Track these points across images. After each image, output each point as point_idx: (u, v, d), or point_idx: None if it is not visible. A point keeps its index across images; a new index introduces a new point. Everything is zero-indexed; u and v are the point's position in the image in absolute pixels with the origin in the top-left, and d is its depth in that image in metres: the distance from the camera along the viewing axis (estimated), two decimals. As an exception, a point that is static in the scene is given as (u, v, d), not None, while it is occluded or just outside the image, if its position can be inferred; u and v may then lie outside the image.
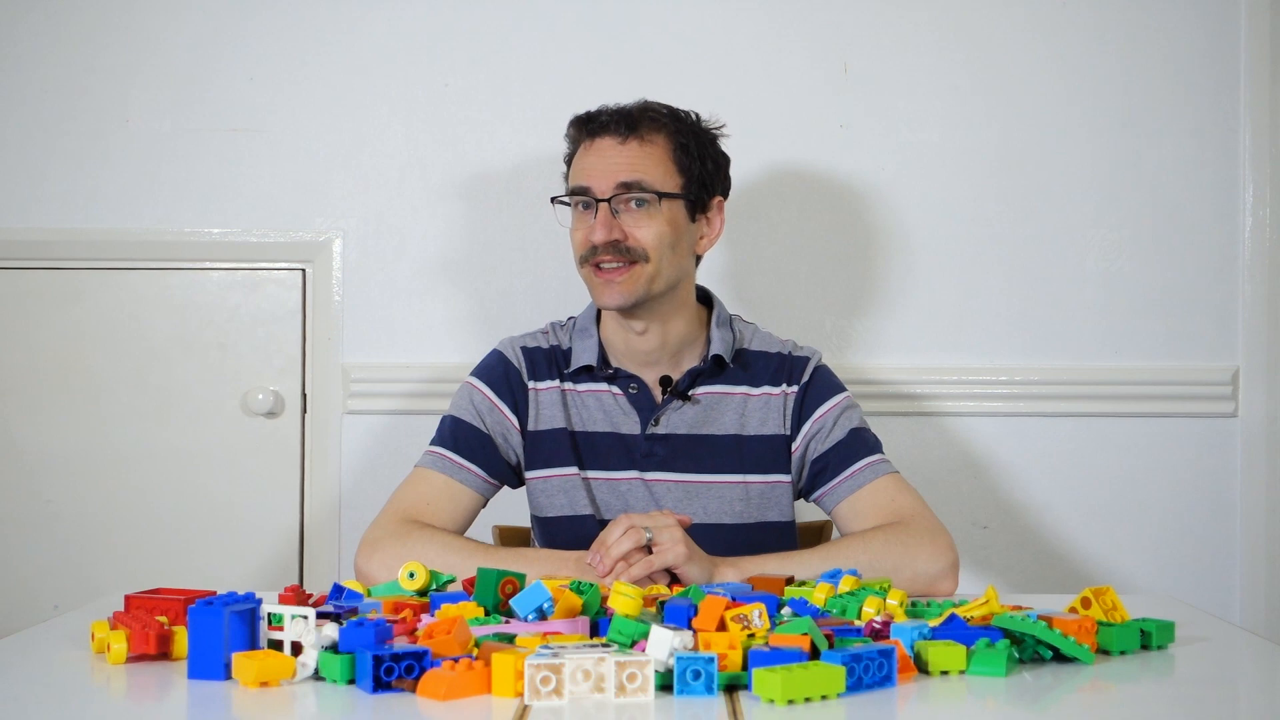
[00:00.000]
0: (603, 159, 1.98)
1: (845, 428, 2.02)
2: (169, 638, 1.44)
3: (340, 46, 2.61)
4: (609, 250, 1.95)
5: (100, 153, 2.60)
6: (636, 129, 1.99)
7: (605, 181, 1.97)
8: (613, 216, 1.96)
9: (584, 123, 2.03)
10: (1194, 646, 1.55)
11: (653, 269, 1.97)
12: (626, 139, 1.98)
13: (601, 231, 1.95)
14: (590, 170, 1.98)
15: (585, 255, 1.98)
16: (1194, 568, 2.62)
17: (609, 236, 1.95)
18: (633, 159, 1.98)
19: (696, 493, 2.02)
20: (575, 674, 1.26)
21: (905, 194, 2.61)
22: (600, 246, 1.95)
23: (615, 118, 2.00)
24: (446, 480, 1.99)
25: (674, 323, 2.03)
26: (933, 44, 2.61)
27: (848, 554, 1.84)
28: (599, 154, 1.99)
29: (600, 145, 1.99)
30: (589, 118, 2.02)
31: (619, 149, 1.98)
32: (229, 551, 2.60)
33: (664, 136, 2.00)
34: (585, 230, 1.98)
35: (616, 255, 1.95)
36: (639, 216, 1.97)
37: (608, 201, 1.96)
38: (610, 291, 1.96)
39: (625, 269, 1.96)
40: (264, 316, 2.61)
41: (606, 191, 1.96)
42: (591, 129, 2.01)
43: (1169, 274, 2.62)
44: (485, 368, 2.09)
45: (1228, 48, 2.60)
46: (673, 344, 2.04)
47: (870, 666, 1.32)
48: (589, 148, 2.00)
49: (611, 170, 1.97)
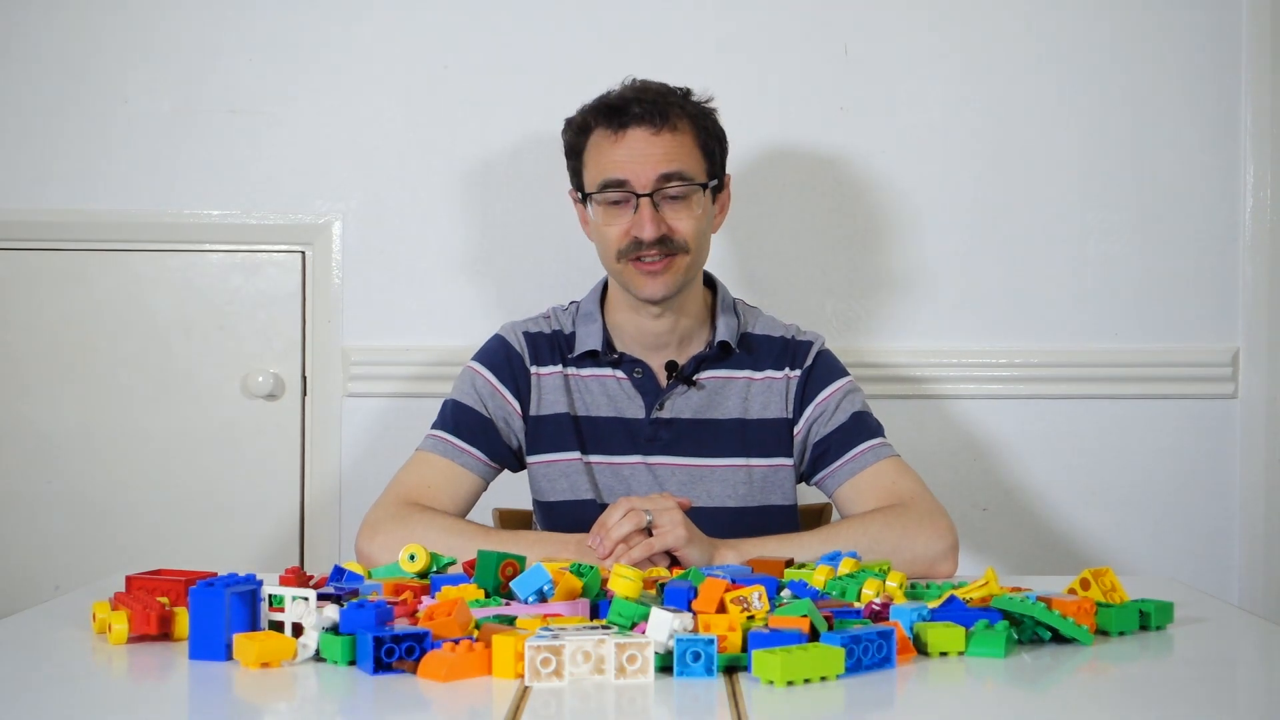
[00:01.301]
0: (637, 151, 1.94)
1: (847, 411, 2.03)
2: (170, 618, 1.44)
3: (340, 28, 2.60)
4: (654, 245, 1.94)
5: (99, 134, 2.60)
6: (668, 118, 1.95)
7: (645, 175, 1.93)
8: (654, 211, 1.94)
9: (610, 113, 1.96)
10: (1193, 627, 1.55)
11: (691, 259, 1.97)
12: (660, 129, 1.95)
13: (651, 228, 1.92)
14: (624, 164, 1.94)
15: (625, 250, 1.95)
16: (1193, 549, 2.62)
17: (658, 233, 1.93)
18: (668, 150, 1.95)
19: (700, 476, 2.02)
20: (575, 656, 1.27)
21: (905, 176, 2.61)
22: (648, 242, 1.93)
23: (647, 108, 1.94)
24: (448, 464, 2.00)
25: (688, 306, 2.03)
26: (932, 26, 2.61)
27: (847, 536, 1.85)
28: (631, 146, 1.94)
29: (633, 137, 1.95)
30: (616, 108, 1.96)
31: (653, 140, 1.95)
32: (230, 533, 2.60)
33: (688, 122, 1.98)
34: (624, 225, 1.95)
35: (660, 249, 1.94)
36: (679, 208, 1.96)
37: (648, 196, 1.94)
38: (654, 284, 1.95)
39: (668, 260, 1.95)
40: (264, 299, 2.61)
41: (648, 185, 1.94)
42: (622, 120, 1.95)
43: (1169, 256, 2.61)
44: (487, 352, 2.08)
45: (1229, 28, 2.59)
46: (683, 328, 2.04)
47: (869, 648, 1.32)
48: (619, 139, 1.95)
49: (650, 163, 1.94)
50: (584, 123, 2.01)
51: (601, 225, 1.98)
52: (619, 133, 1.96)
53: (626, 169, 1.94)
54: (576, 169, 2.03)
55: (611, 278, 2.04)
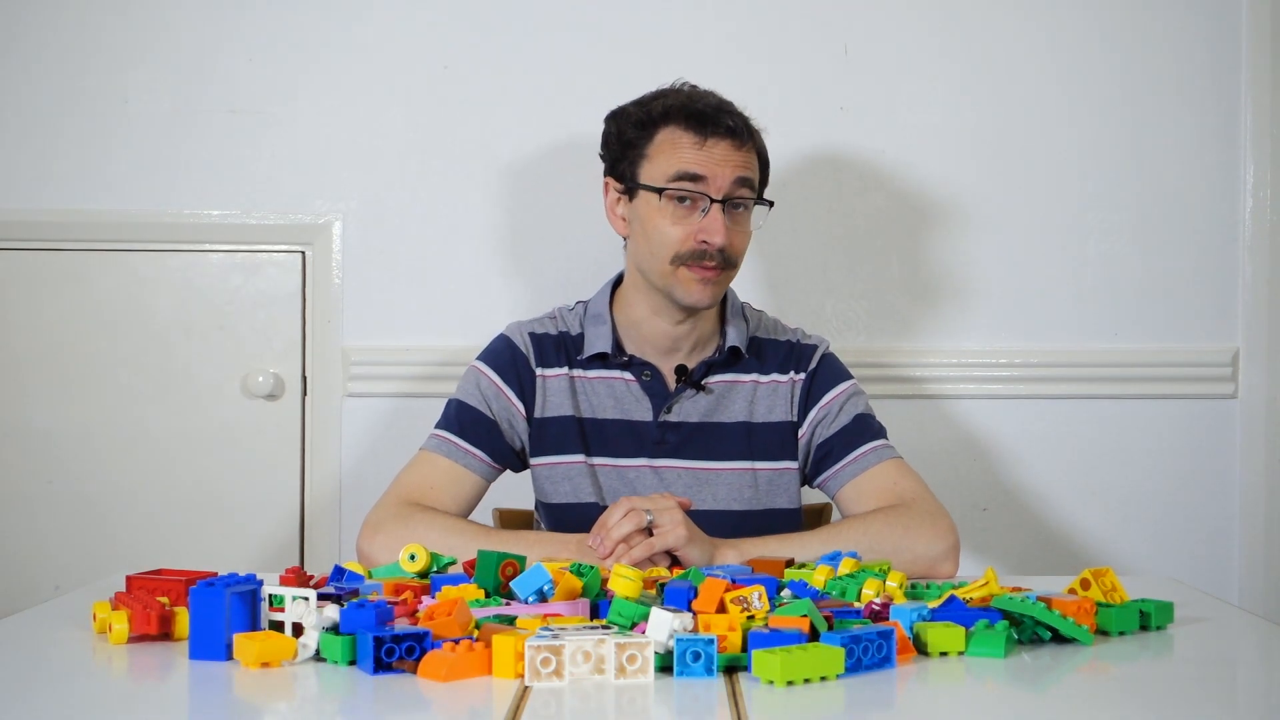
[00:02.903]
0: (721, 159, 1.94)
1: (850, 413, 2.03)
2: (170, 618, 1.44)
3: (340, 28, 2.61)
4: (718, 255, 1.94)
5: (99, 134, 2.60)
6: (750, 137, 1.97)
7: (724, 179, 1.94)
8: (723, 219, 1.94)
9: (698, 117, 1.95)
10: (1193, 627, 1.55)
11: (735, 273, 1.99)
12: (743, 144, 1.96)
13: (722, 235, 1.92)
14: (707, 167, 1.93)
15: (685, 254, 1.94)
16: (1193, 549, 2.62)
17: (727, 239, 1.93)
18: (746, 163, 1.96)
19: (706, 480, 2.02)
20: (575, 655, 1.27)
21: (905, 177, 2.61)
22: (712, 251, 1.93)
23: (736, 122, 1.96)
24: (450, 464, 1.99)
25: (707, 314, 2.04)
26: (932, 26, 2.61)
27: (848, 536, 1.85)
28: (715, 154, 1.94)
29: (718, 146, 1.94)
30: (705, 115, 1.95)
31: (736, 153, 1.95)
32: (230, 533, 2.60)
33: (755, 142, 2.00)
34: (689, 226, 1.94)
35: (720, 259, 1.94)
36: (740, 221, 1.97)
37: (723, 204, 1.94)
38: (704, 292, 1.95)
39: (719, 272, 1.95)
40: (264, 299, 2.61)
41: (723, 190, 1.94)
42: (711, 129, 1.94)
43: (1169, 256, 2.61)
44: (492, 353, 2.08)
45: (1229, 29, 2.59)
46: (699, 334, 2.04)
47: (869, 648, 1.32)
48: (702, 145, 1.94)
49: (731, 168, 1.94)
50: (654, 118, 1.98)
51: (665, 223, 1.95)
52: (703, 139, 1.95)
53: (707, 168, 1.94)
54: (632, 159, 1.99)
55: (648, 277, 1.99)
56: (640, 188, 1.97)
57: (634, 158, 1.99)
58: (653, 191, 1.95)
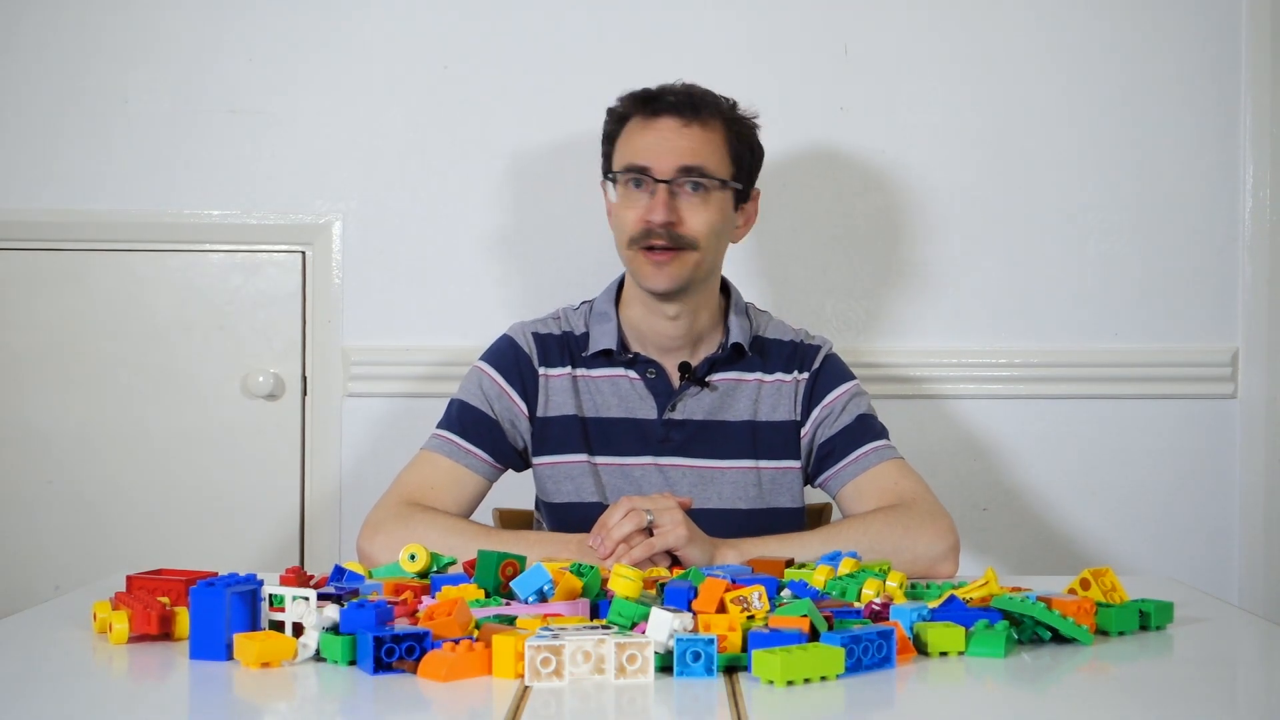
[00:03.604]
0: (664, 140, 1.96)
1: (853, 413, 2.03)
2: (170, 618, 1.44)
3: (340, 28, 2.60)
4: (662, 234, 1.94)
5: (99, 134, 2.60)
6: (699, 113, 1.97)
7: (666, 163, 1.95)
8: (670, 199, 1.95)
9: (644, 100, 2.00)
10: (1193, 627, 1.55)
11: (699, 256, 1.97)
12: (689, 122, 1.97)
13: (661, 212, 1.93)
14: (650, 150, 1.96)
15: (636, 236, 1.96)
16: (1193, 549, 2.62)
17: (667, 217, 1.94)
18: (695, 143, 1.96)
19: (710, 478, 2.02)
20: (575, 655, 1.27)
21: (905, 176, 2.61)
22: (655, 228, 1.94)
23: (679, 99, 1.98)
24: (452, 464, 1.99)
25: (703, 309, 2.04)
26: (933, 25, 2.61)
27: (848, 536, 1.85)
28: (659, 134, 1.97)
29: (662, 125, 1.97)
30: (651, 96, 2.00)
31: (681, 131, 1.96)
32: (230, 533, 2.60)
33: (720, 124, 2.00)
34: (639, 210, 1.96)
35: (668, 239, 1.95)
36: (694, 202, 1.96)
37: (667, 183, 1.95)
38: (658, 275, 1.96)
39: (674, 253, 1.95)
40: (264, 299, 2.61)
41: (667, 173, 1.95)
42: (654, 108, 1.98)
43: (1169, 255, 2.61)
44: (495, 352, 2.08)
45: (1229, 28, 2.59)
46: (697, 330, 2.04)
47: (869, 648, 1.32)
48: (647, 126, 1.98)
49: (674, 152, 1.95)
50: (622, 112, 2.03)
51: (619, 208, 1.99)
52: (649, 120, 1.98)
53: (650, 154, 1.96)
54: (608, 154, 2.05)
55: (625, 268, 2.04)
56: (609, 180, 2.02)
57: (609, 152, 2.05)
58: (614, 181, 2.00)
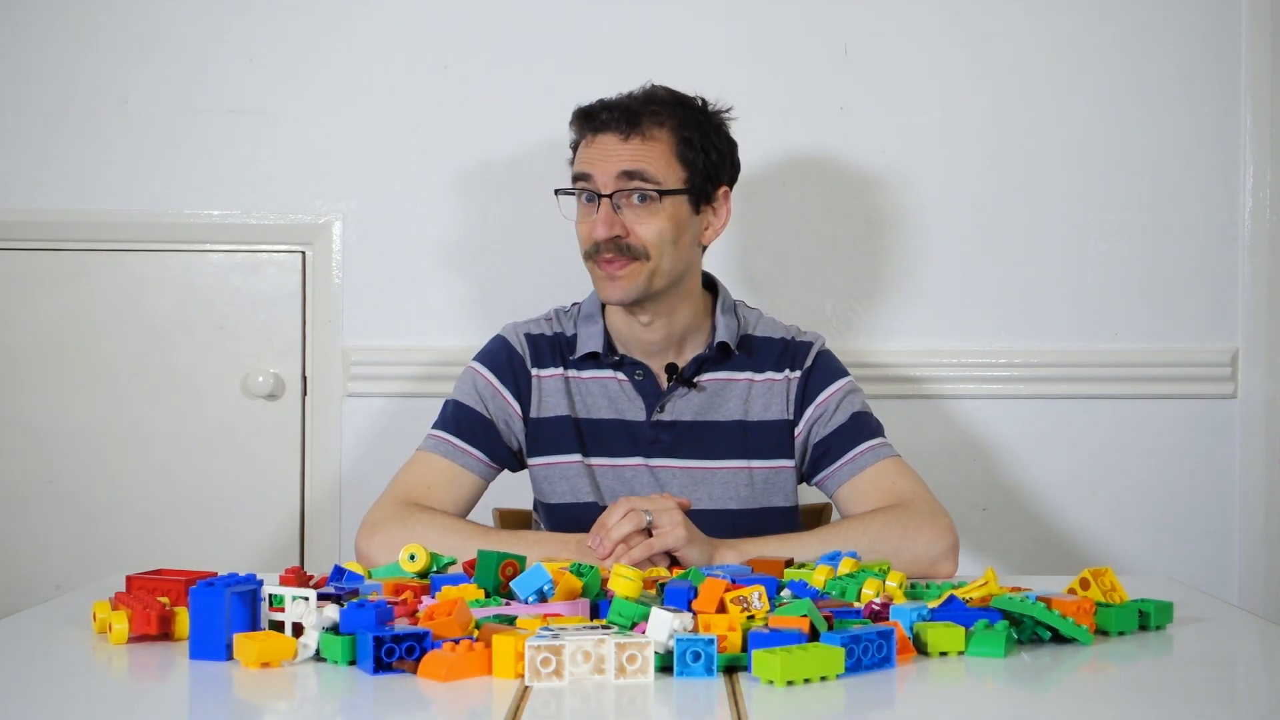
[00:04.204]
0: (604, 154, 1.97)
1: (847, 412, 2.03)
2: (170, 618, 1.44)
3: (340, 28, 2.61)
4: (610, 247, 1.95)
5: (99, 134, 2.60)
6: (639, 124, 1.97)
7: (606, 176, 1.96)
8: (614, 212, 1.95)
9: (585, 118, 2.01)
10: (1192, 627, 1.55)
11: (653, 266, 1.96)
12: (629, 135, 1.96)
13: (603, 228, 1.94)
14: (592, 163, 1.97)
15: (588, 250, 1.98)
16: (1193, 549, 2.62)
17: (610, 233, 1.94)
18: (634, 155, 1.96)
19: (702, 478, 2.02)
20: (575, 655, 1.27)
21: (905, 176, 2.61)
22: (602, 243, 1.95)
23: (616, 114, 1.97)
24: (448, 464, 2.00)
25: (679, 313, 2.03)
26: (933, 26, 2.61)
27: (847, 536, 1.85)
28: (600, 149, 1.97)
29: (602, 141, 1.97)
30: (589, 113, 2.00)
31: (620, 145, 1.96)
32: (230, 533, 2.60)
33: (667, 131, 1.98)
34: (588, 225, 1.97)
35: (617, 252, 1.95)
36: (640, 213, 1.96)
37: (609, 197, 1.95)
38: (612, 287, 1.96)
39: (626, 264, 1.95)
40: (264, 299, 2.61)
41: (608, 187, 1.95)
42: (594, 125, 1.99)
43: (1169, 256, 2.61)
44: (489, 353, 2.08)
45: (1229, 28, 2.59)
46: (678, 333, 2.04)
47: (869, 648, 1.32)
48: (590, 142, 1.99)
49: (612, 166, 1.96)
50: (572, 124, 2.05)
51: (576, 223, 2.01)
52: (591, 136, 1.99)
53: (592, 167, 1.97)
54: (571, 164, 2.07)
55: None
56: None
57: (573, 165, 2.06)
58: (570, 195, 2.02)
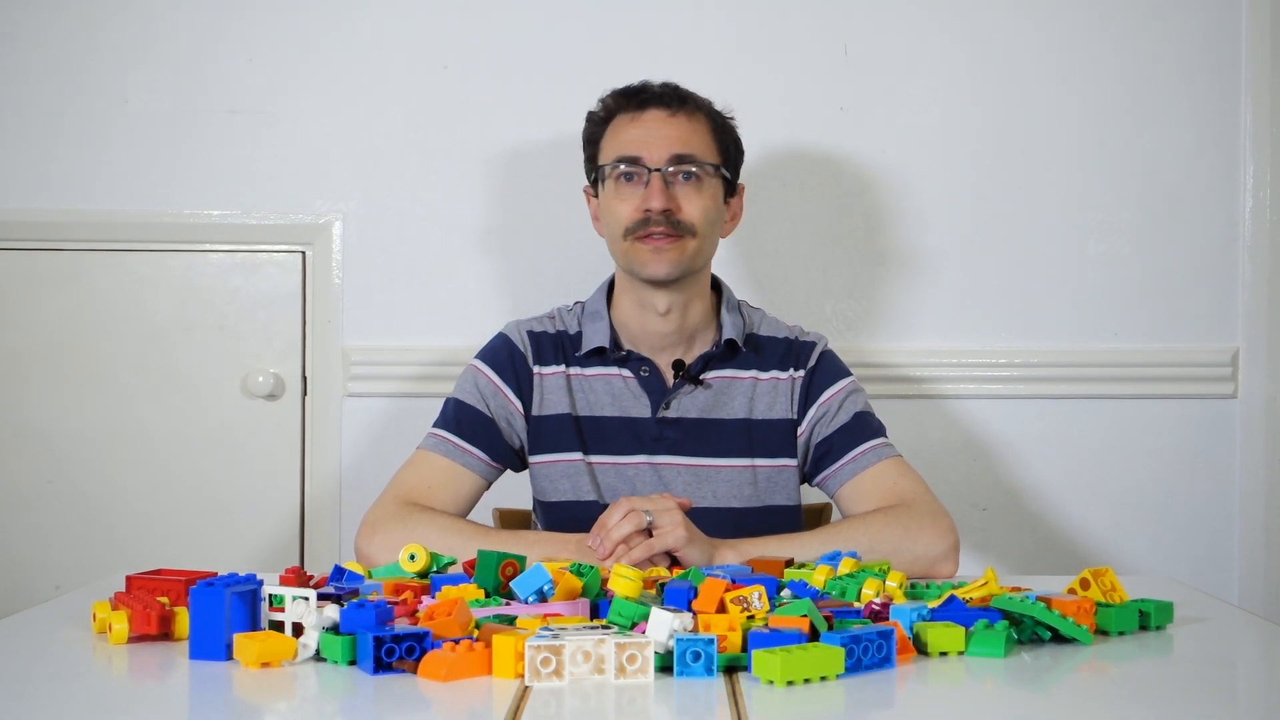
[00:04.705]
0: (652, 130, 1.98)
1: (850, 411, 2.03)
2: (170, 618, 1.44)
3: (340, 28, 2.61)
4: (662, 220, 1.95)
5: (99, 134, 2.60)
6: (685, 104, 2.00)
7: (658, 152, 1.97)
8: (665, 187, 1.96)
9: (630, 95, 2.02)
10: (1192, 627, 1.55)
11: (698, 244, 1.98)
12: (676, 112, 1.99)
13: (659, 199, 1.94)
14: (640, 141, 1.98)
15: (632, 226, 1.96)
16: (1193, 549, 2.62)
17: (666, 204, 1.95)
18: (683, 132, 1.98)
19: (706, 477, 2.02)
20: (575, 655, 1.27)
21: (905, 176, 2.61)
22: (654, 216, 1.94)
23: (664, 90, 2.00)
24: (449, 463, 1.99)
25: (693, 306, 2.03)
26: (933, 26, 2.61)
27: (848, 536, 1.85)
28: (647, 126, 1.98)
29: (649, 117, 1.99)
30: (635, 90, 2.02)
31: (669, 121, 1.98)
32: (230, 533, 2.60)
33: (704, 115, 2.02)
34: (635, 200, 1.97)
35: (669, 226, 1.95)
36: (688, 190, 1.97)
37: (660, 172, 1.96)
38: (659, 261, 1.96)
39: (674, 240, 1.96)
40: (264, 299, 2.61)
41: (659, 162, 1.96)
42: (641, 100, 2.00)
43: (1169, 255, 2.61)
44: (490, 351, 2.08)
45: (1229, 28, 2.59)
46: (689, 327, 2.04)
47: (869, 648, 1.32)
48: (635, 119, 2.00)
49: (664, 141, 1.97)
50: (604, 114, 2.04)
51: (612, 202, 1.99)
52: (636, 113, 2.00)
53: (641, 145, 1.98)
54: (593, 156, 2.06)
55: (618, 262, 2.03)
56: (598, 179, 2.03)
57: (594, 154, 2.06)
58: (604, 178, 2.01)
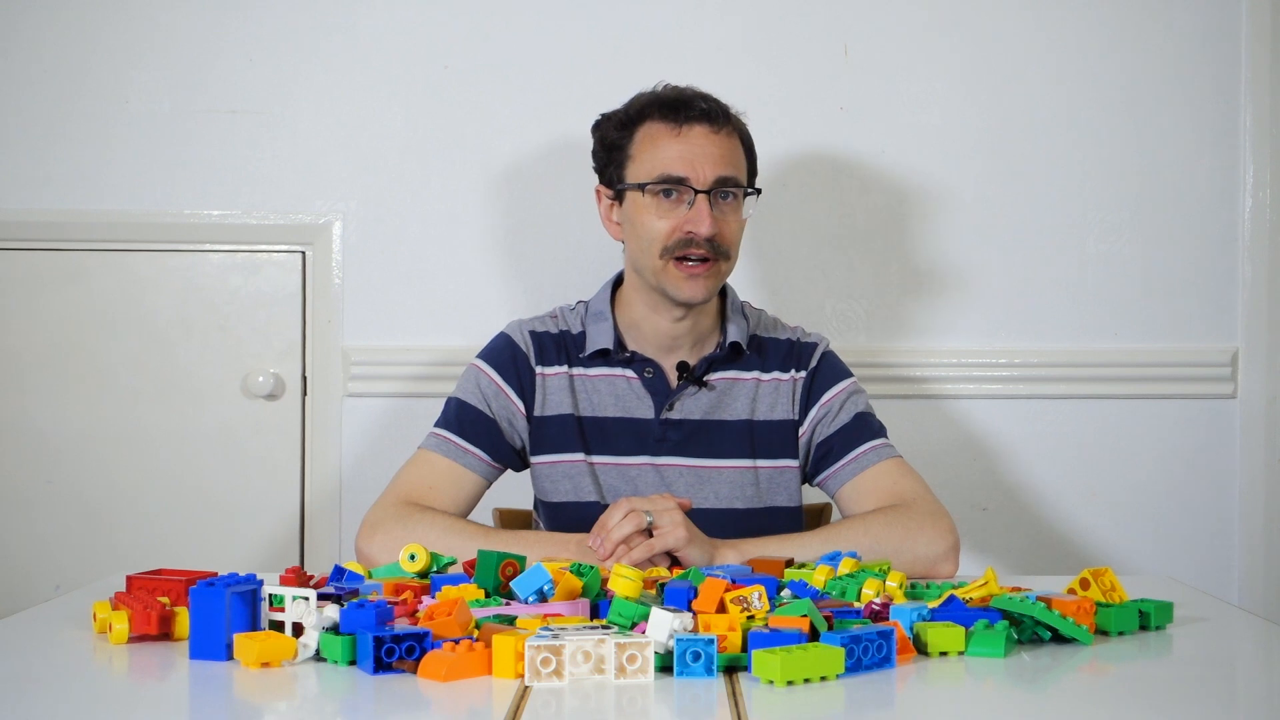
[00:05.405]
0: (697, 149, 1.93)
1: (850, 412, 2.03)
2: (170, 618, 1.44)
3: (340, 28, 2.61)
4: (705, 245, 1.93)
5: (99, 134, 2.60)
6: (728, 120, 1.96)
7: (705, 173, 1.93)
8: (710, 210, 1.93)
9: (672, 106, 1.96)
10: (1192, 627, 1.55)
11: (730, 265, 1.98)
12: (720, 129, 1.95)
13: (708, 225, 1.91)
14: (686, 160, 1.93)
15: (671, 246, 1.93)
16: (1192, 549, 2.62)
17: (713, 229, 1.92)
18: (726, 151, 1.95)
19: (708, 478, 2.02)
20: (575, 655, 1.27)
21: (905, 177, 2.61)
22: (699, 239, 1.92)
23: (711, 105, 1.95)
24: (449, 463, 1.99)
25: (706, 310, 2.03)
26: (932, 26, 2.61)
27: (848, 536, 1.85)
28: (693, 143, 1.93)
29: (694, 133, 1.94)
30: (680, 102, 1.96)
31: (714, 139, 1.94)
32: (230, 533, 2.60)
33: (737, 131, 1.99)
34: (674, 219, 1.93)
35: (708, 250, 1.93)
36: (728, 211, 1.95)
37: (706, 194, 1.93)
38: (695, 286, 1.94)
39: (711, 264, 1.94)
40: (264, 299, 2.61)
41: (706, 183, 1.93)
42: (686, 115, 1.94)
43: (1169, 256, 2.61)
44: (492, 350, 2.08)
45: (1229, 28, 2.60)
46: (700, 331, 2.04)
47: (869, 648, 1.32)
48: (679, 134, 1.94)
49: (710, 162, 1.93)
50: (631, 116, 1.99)
51: (648, 217, 1.95)
52: (679, 127, 1.95)
53: (688, 165, 1.93)
54: (617, 162, 2.00)
55: (643, 275, 1.99)
56: (627, 188, 1.98)
57: (619, 160, 2.00)
58: (638, 190, 1.96)
